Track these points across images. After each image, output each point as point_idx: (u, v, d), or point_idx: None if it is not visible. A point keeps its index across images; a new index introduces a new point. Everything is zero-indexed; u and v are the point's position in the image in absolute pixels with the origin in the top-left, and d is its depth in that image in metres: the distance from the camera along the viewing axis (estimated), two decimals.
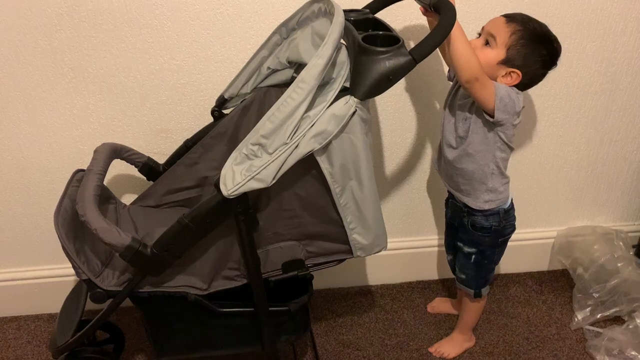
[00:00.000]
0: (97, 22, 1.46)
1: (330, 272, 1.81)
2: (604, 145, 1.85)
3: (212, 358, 1.59)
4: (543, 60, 1.31)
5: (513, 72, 1.30)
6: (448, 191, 1.54)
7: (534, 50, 1.29)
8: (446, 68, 1.57)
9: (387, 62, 1.03)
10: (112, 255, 1.31)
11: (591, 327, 1.76)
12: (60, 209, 1.27)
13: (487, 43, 1.31)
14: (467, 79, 1.22)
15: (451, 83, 1.47)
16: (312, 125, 1.05)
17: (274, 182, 1.06)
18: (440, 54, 1.53)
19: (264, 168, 1.05)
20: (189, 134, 1.51)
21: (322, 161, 1.11)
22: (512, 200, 1.50)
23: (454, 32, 1.16)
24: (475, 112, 1.33)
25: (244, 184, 1.06)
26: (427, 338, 1.76)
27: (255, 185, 1.06)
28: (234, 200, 1.09)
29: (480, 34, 1.35)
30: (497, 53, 1.29)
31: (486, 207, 1.44)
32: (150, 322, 1.32)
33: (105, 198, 1.43)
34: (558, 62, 1.34)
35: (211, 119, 1.48)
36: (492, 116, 1.29)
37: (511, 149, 1.40)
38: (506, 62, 1.29)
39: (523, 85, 1.34)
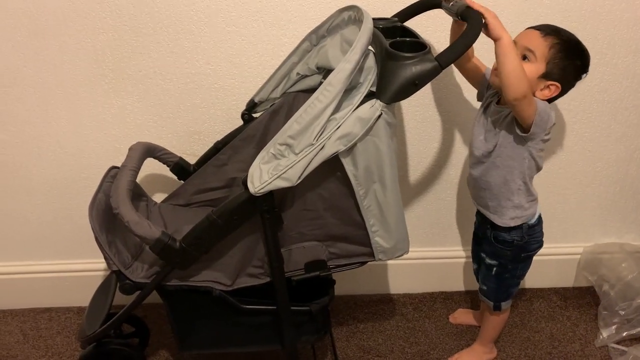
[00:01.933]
0: (137, 26, 1.52)
1: (353, 279, 1.84)
2: (634, 162, 1.83)
3: (233, 355, 1.62)
4: (577, 70, 1.32)
5: (552, 84, 1.31)
6: None
7: (571, 61, 1.30)
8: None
9: (413, 68, 1.06)
10: (142, 249, 1.35)
11: (616, 346, 1.73)
12: (95, 202, 1.33)
13: (524, 58, 1.31)
14: (515, 97, 1.22)
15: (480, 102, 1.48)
16: (338, 128, 1.08)
17: (299, 181, 1.10)
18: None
19: (290, 167, 1.08)
20: (220, 137, 1.55)
21: (347, 163, 1.13)
22: (539, 216, 1.49)
23: (506, 49, 1.18)
24: (506, 126, 1.34)
25: (271, 182, 1.09)
26: (448, 348, 1.76)
27: (281, 184, 1.09)
28: (260, 198, 1.13)
29: None
30: (537, 67, 1.29)
31: (512, 224, 1.44)
32: (174, 316, 1.36)
33: (137, 195, 1.48)
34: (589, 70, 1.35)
35: (241, 122, 1.52)
36: (526, 131, 1.29)
37: (539, 167, 1.39)
38: (546, 75, 1.30)
39: (555, 97, 1.34)
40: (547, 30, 1.31)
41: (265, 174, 1.10)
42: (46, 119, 1.64)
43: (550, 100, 1.35)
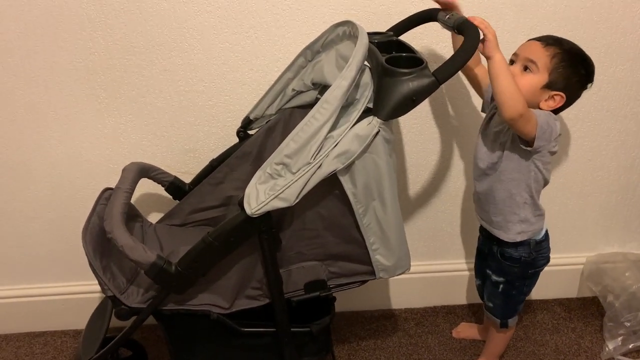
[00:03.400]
0: (129, 45, 1.50)
1: (354, 295, 1.80)
2: (635, 170, 1.81)
3: None
4: (581, 79, 1.31)
5: (557, 95, 1.29)
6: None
7: (574, 70, 1.29)
8: (472, 92, 1.57)
9: (410, 83, 1.04)
10: (137, 273, 1.32)
11: (623, 358, 1.70)
12: (89, 226, 1.30)
13: (525, 69, 1.30)
14: (511, 117, 1.19)
15: (484, 114, 1.46)
16: (335, 145, 1.06)
17: (297, 201, 1.07)
18: (464, 77, 1.53)
19: (288, 187, 1.06)
20: (215, 154, 1.53)
21: (345, 181, 1.11)
22: (546, 232, 1.47)
23: (498, 67, 1.16)
24: (510, 138, 1.32)
25: (268, 202, 1.07)
26: None
27: (278, 204, 1.07)
28: (258, 219, 1.10)
29: (513, 61, 1.33)
30: (540, 78, 1.28)
31: (519, 238, 1.41)
32: (172, 340, 1.33)
33: (132, 216, 1.45)
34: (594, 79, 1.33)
35: (237, 140, 1.50)
36: (530, 145, 1.27)
37: (546, 181, 1.37)
38: (549, 85, 1.28)
39: (561, 107, 1.32)
40: (549, 41, 1.29)
41: (262, 194, 1.08)
42: (38, 140, 1.62)
43: (557, 112, 1.33)
